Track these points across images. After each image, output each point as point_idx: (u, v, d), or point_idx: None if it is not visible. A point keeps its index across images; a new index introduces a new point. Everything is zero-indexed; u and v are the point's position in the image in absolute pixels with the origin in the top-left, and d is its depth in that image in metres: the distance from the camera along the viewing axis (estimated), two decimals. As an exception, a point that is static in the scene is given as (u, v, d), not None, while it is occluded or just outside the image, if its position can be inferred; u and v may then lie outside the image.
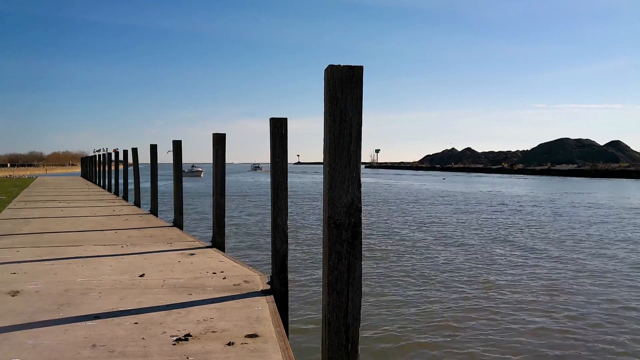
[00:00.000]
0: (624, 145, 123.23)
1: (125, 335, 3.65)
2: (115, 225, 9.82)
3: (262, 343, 3.54)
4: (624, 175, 73.03)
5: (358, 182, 2.98)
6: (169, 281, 5.27)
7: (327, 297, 3.02)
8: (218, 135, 7.74)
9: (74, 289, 4.93)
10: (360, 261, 3.03)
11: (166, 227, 9.76)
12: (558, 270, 11.46)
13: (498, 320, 7.89)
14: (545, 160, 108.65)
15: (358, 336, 3.05)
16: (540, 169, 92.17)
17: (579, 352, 6.73)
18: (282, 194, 5.35)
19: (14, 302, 4.48)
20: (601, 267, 11.80)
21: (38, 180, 34.53)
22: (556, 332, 7.40)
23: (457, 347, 6.81)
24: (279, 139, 5.35)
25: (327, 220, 3.00)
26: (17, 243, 7.65)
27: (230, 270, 5.83)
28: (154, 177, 13.23)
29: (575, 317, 8.10)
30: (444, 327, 7.53)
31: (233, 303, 4.50)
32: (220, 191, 7.77)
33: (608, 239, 16.11)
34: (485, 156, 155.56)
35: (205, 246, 7.54)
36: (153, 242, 7.84)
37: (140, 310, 4.24)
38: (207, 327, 3.83)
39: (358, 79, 2.94)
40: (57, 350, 3.36)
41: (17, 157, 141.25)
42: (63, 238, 8.18)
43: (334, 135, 2.94)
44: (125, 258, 6.52)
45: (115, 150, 22.31)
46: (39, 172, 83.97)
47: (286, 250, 5.34)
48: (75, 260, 6.38)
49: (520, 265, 12.01)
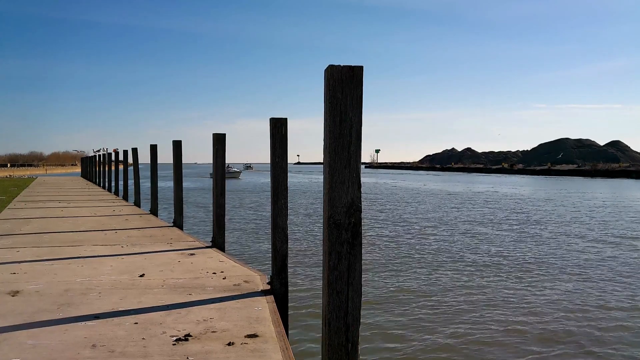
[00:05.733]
0: (624, 145, 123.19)
1: (125, 335, 3.65)
2: (115, 225, 9.82)
3: (262, 343, 3.53)
4: (624, 175, 73.04)
5: (358, 182, 2.98)
6: (169, 281, 5.27)
7: (327, 297, 3.02)
8: (218, 135, 7.74)
9: (74, 289, 4.93)
10: (360, 261, 3.03)
11: (166, 227, 9.76)
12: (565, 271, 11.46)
13: (499, 321, 7.89)
14: (545, 160, 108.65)
15: (358, 336, 3.05)
16: (540, 169, 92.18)
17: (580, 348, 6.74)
18: (282, 194, 5.35)
19: (14, 302, 4.48)
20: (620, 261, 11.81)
21: (38, 180, 34.54)
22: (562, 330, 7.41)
23: (457, 347, 6.80)
24: (279, 139, 5.35)
25: (327, 220, 3.00)
26: (17, 243, 7.65)
27: (230, 270, 5.83)
28: (154, 177, 13.23)
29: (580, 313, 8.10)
30: (444, 327, 7.53)
31: (233, 303, 4.50)
32: (220, 191, 7.77)
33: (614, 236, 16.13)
34: (485, 156, 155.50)
35: (205, 246, 7.54)
36: (153, 242, 7.84)
37: (140, 310, 4.24)
38: (207, 327, 3.83)
39: (358, 79, 2.94)
40: (57, 350, 3.35)
41: (17, 157, 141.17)
42: (63, 238, 8.18)
43: (334, 135, 2.94)
44: (126, 258, 6.52)
45: (115, 150, 22.31)
46: (39, 172, 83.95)
47: (286, 250, 5.33)
48: (75, 260, 6.37)
49: (530, 271, 12.01)
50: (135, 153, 16.28)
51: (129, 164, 17.81)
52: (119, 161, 20.93)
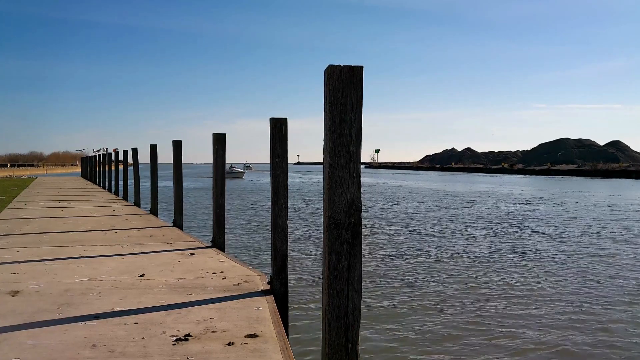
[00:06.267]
0: (624, 145, 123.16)
1: (125, 335, 3.65)
2: (115, 225, 9.82)
3: (262, 343, 3.53)
4: (624, 175, 73.03)
5: (358, 182, 2.98)
6: (169, 281, 5.27)
7: (327, 297, 3.02)
8: (218, 135, 7.74)
9: (74, 289, 4.93)
10: (360, 261, 3.03)
11: (166, 227, 9.76)
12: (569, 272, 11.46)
13: (501, 321, 7.89)
14: (545, 160, 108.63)
15: (358, 336, 3.05)
16: (540, 169, 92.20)
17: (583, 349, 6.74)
18: (282, 194, 5.35)
19: (14, 302, 4.48)
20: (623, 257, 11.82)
21: (38, 180, 34.54)
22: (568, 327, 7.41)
23: (457, 347, 6.80)
24: (279, 139, 5.35)
25: (327, 220, 3.00)
26: (17, 243, 7.65)
27: (230, 270, 5.83)
28: (154, 177, 13.23)
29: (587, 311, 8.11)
30: (444, 327, 7.53)
31: (233, 303, 4.50)
32: (220, 191, 7.77)
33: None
34: (485, 156, 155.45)
35: (205, 246, 7.54)
36: (153, 242, 7.84)
37: (140, 310, 4.24)
38: (207, 327, 3.83)
39: (358, 79, 2.94)
40: (57, 350, 3.35)
41: (17, 157, 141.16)
42: (63, 238, 8.18)
43: (334, 135, 2.94)
44: (126, 258, 6.52)
45: (115, 150, 22.32)
46: (39, 172, 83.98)
47: (286, 250, 5.33)
48: (75, 260, 6.38)
49: (531, 270, 12.01)
50: (135, 153, 16.28)
51: (128, 164, 17.81)
52: (119, 161, 20.94)
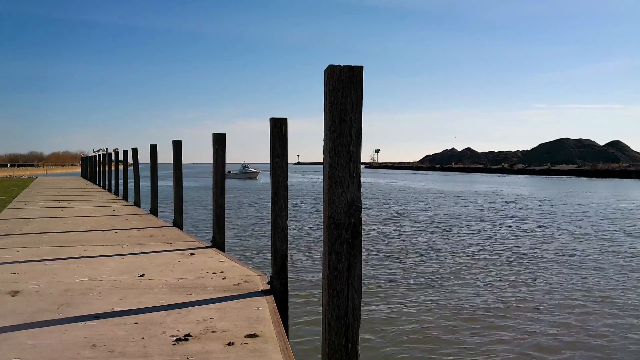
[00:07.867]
0: (624, 145, 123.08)
1: (125, 335, 3.65)
2: (115, 225, 9.82)
3: (262, 343, 3.53)
4: (624, 175, 72.99)
5: (358, 182, 2.98)
6: (169, 281, 5.27)
7: (327, 297, 3.02)
8: (218, 135, 7.74)
9: (74, 289, 4.93)
10: (360, 261, 3.03)
11: (166, 227, 9.76)
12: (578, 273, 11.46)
13: (501, 322, 7.89)
14: (545, 160, 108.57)
15: (358, 336, 3.05)
16: (540, 169, 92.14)
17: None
18: (282, 194, 5.35)
19: (14, 302, 4.48)
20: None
21: (38, 180, 34.54)
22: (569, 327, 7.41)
23: (457, 347, 6.80)
24: (279, 139, 5.35)
25: (327, 220, 3.00)
26: (17, 243, 7.65)
27: (230, 270, 5.83)
28: (154, 177, 13.23)
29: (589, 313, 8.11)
30: (444, 327, 7.53)
31: (233, 303, 4.50)
32: (220, 191, 7.77)
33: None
34: (485, 156, 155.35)
35: (205, 246, 7.54)
36: (153, 242, 7.84)
37: (140, 310, 4.24)
38: (207, 327, 3.83)
39: (358, 79, 2.94)
40: (57, 350, 3.35)
41: (17, 157, 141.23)
42: (63, 238, 8.18)
43: (334, 135, 2.94)
44: (126, 258, 6.52)
45: (115, 150, 22.31)
46: (39, 172, 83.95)
47: (286, 250, 5.33)
48: (75, 260, 6.38)
49: (533, 272, 12.01)
50: (135, 153, 16.28)
51: (128, 164, 17.81)
52: (119, 161, 20.94)
